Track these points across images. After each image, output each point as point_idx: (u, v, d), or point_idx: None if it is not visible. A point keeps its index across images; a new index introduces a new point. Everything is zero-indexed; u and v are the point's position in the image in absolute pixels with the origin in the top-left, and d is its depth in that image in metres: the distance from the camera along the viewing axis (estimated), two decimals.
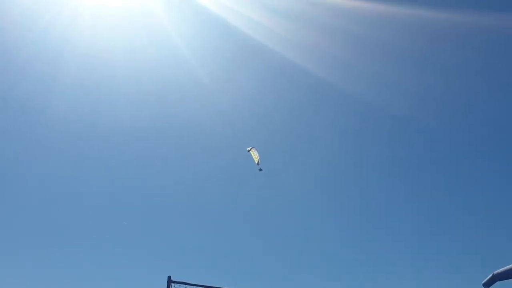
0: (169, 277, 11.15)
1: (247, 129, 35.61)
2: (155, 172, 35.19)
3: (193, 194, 35.11)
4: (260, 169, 19.66)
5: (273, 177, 34.90)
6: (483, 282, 16.86)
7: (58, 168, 31.89)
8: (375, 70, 32.80)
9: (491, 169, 38.98)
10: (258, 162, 19.75)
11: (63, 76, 29.94)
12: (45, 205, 31.77)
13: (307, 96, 36.49)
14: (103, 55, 31.32)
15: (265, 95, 36.09)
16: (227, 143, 36.60)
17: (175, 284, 11.10)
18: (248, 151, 19.80)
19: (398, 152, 39.38)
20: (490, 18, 30.88)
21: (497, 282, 16.44)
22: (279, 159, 35.87)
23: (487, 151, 38.96)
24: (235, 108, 34.43)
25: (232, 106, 34.32)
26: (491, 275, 16.77)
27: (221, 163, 35.89)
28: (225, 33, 32.79)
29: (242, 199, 35.48)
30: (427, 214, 38.97)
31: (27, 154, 31.63)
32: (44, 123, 30.55)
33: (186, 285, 11.18)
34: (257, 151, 20.05)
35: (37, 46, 29.53)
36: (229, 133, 35.70)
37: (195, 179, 35.75)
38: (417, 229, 38.29)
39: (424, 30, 33.38)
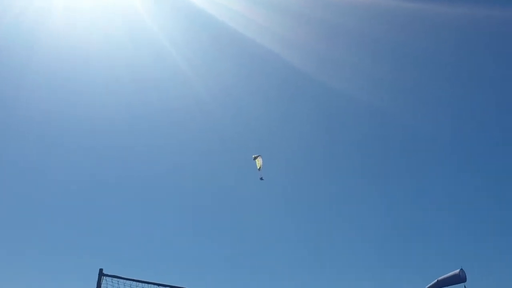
0: (100, 270, 10.98)
1: (224, 117, 35.43)
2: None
3: (134, 187, 34.90)
4: (261, 178, 19.75)
5: (240, 167, 34.89)
6: (427, 287, 17.09)
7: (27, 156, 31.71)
8: (352, 61, 32.58)
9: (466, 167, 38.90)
10: (260, 168, 19.85)
11: (35, 64, 29.69)
12: None
13: (283, 84, 36.31)
14: (77, 44, 31.04)
15: (242, 83, 35.91)
16: (200, 129, 36.45)
17: (107, 277, 10.94)
18: (254, 158, 19.99)
19: (373, 147, 39.24)
20: (465, 8, 30.80)
21: None
22: (252, 148, 35.74)
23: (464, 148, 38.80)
24: (213, 97, 34.21)
25: (210, 94, 34.12)
26: (435, 280, 17.02)
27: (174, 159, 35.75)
28: (203, 22, 32.43)
29: (190, 191, 35.28)
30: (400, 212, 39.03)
31: None
32: (16, 112, 30.30)
33: (118, 279, 11.03)
34: (262, 159, 20.13)
35: (8, 34, 29.16)
36: (206, 121, 35.55)
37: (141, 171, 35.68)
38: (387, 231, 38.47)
39: (405, 22, 33.19)
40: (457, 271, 16.19)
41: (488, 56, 34.26)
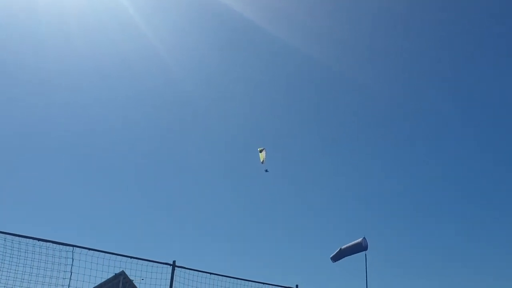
0: (174, 262, 11.52)
1: (197, 93, 36.03)
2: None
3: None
4: (266, 170, 20.11)
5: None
6: (331, 255, 17.57)
7: None
8: (321, 26, 32.90)
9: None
10: (263, 161, 20.14)
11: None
12: None
13: (256, 50, 36.83)
14: (51, 24, 31.41)
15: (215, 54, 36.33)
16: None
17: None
18: (260, 151, 20.24)
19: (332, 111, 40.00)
20: None
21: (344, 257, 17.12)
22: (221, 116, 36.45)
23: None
24: (186, 73, 34.69)
25: (183, 71, 34.62)
26: (338, 249, 17.42)
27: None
28: None
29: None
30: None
31: None
32: None
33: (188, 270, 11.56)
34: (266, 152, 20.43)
35: None
36: (177, 95, 36.18)
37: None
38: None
39: None
40: (359, 239, 16.51)
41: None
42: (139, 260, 11.40)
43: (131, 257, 10.94)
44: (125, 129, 38.52)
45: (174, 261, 11.52)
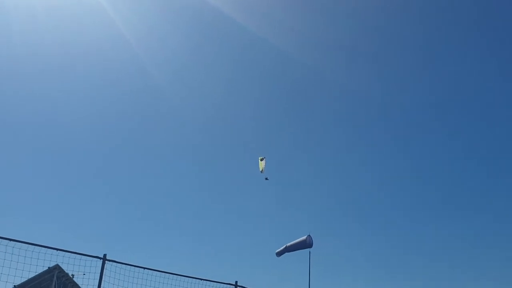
0: (104, 256, 11.17)
1: (169, 84, 35.85)
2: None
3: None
4: (266, 178, 20.49)
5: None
6: (276, 251, 18.11)
7: None
8: (297, 22, 33.21)
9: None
10: (262, 170, 20.41)
11: None
12: None
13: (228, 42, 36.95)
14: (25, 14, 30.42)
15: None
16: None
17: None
18: (261, 160, 20.57)
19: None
20: None
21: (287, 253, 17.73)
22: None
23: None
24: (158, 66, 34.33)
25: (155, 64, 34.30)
26: (284, 246, 17.97)
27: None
28: None
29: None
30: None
31: None
32: None
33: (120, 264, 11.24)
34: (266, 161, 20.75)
35: None
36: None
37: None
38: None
39: None
40: (304, 237, 17.00)
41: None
42: (72, 254, 11.02)
43: (57, 249, 10.48)
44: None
45: (104, 255, 11.15)
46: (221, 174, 40.42)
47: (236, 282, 13.79)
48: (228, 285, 13.59)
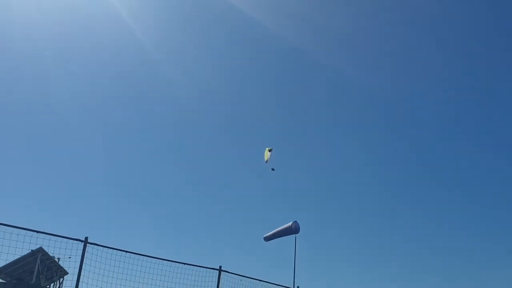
0: (86, 238, 11.15)
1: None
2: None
3: None
4: (273, 169, 20.52)
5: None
6: (264, 236, 18.26)
7: None
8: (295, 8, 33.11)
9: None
10: (267, 161, 20.51)
11: None
12: None
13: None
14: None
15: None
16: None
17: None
18: (269, 150, 20.69)
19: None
20: None
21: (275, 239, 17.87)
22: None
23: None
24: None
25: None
26: (273, 231, 18.11)
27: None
28: None
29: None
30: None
31: None
32: None
33: (102, 247, 11.22)
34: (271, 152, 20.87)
35: None
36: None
37: None
38: None
39: None
40: (290, 223, 17.19)
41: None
42: (54, 237, 11.00)
43: (38, 232, 10.45)
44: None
45: (86, 238, 11.12)
46: (209, 159, 40.45)
47: (220, 266, 13.84)
48: (212, 270, 13.64)
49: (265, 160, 20.57)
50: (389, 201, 42.75)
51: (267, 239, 18.53)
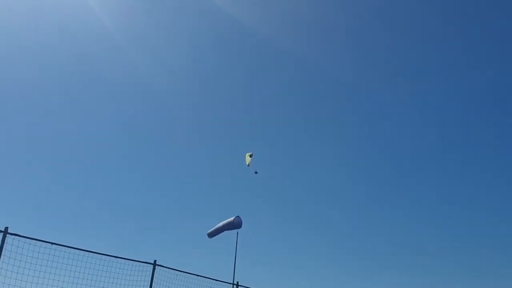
0: (6, 229, 10.51)
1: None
2: None
3: None
4: (256, 172, 20.82)
5: None
6: (208, 232, 18.56)
7: None
8: None
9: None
10: (249, 164, 20.95)
11: None
12: None
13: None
14: None
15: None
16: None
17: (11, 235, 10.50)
18: (250, 156, 21.11)
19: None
20: None
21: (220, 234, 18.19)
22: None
23: None
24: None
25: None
26: (214, 227, 18.43)
27: None
28: None
29: None
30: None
31: None
32: None
33: (24, 238, 10.62)
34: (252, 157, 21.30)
35: None
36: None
37: None
38: None
39: None
40: (232, 218, 17.60)
41: None
42: None
43: None
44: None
45: (6, 228, 10.47)
46: (153, 147, 39.64)
47: (155, 261, 13.46)
48: (146, 264, 13.23)
49: (247, 164, 21.07)
50: (337, 195, 43.33)
51: (211, 235, 18.36)
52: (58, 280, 11.40)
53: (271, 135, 42.85)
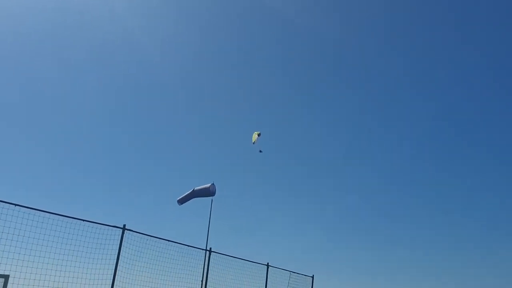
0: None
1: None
2: None
3: None
4: (260, 151, 21.20)
5: None
6: (177, 198, 18.62)
7: None
8: None
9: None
10: (254, 142, 21.21)
11: None
12: None
13: None
14: None
15: None
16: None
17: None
18: (258, 134, 21.31)
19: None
20: None
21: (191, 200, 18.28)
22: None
23: None
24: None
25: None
26: (192, 189, 18.50)
27: None
28: None
29: None
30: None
31: None
32: None
33: None
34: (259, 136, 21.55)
35: None
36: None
37: None
38: None
39: None
40: (208, 184, 17.68)
41: None
42: None
43: None
44: None
45: None
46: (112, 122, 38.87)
47: (124, 225, 13.17)
48: (115, 228, 12.94)
49: (253, 142, 21.08)
50: (315, 172, 43.57)
51: (181, 201, 18.08)
52: (22, 242, 11.05)
53: (267, 105, 42.36)
